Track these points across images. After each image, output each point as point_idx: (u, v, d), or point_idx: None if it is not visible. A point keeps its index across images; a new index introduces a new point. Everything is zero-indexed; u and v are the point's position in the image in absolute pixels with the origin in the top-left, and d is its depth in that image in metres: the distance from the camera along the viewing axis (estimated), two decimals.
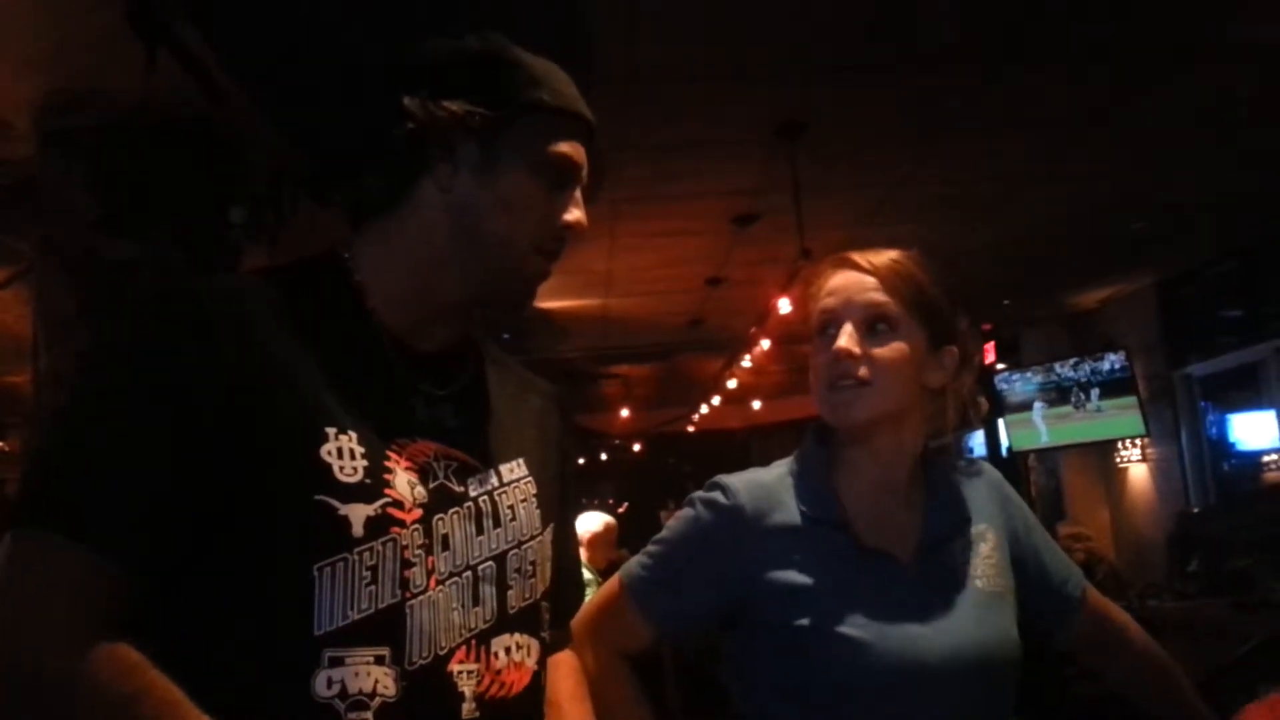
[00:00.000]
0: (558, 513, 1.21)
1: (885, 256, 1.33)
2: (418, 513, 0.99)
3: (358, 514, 0.94)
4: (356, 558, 0.93)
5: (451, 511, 1.03)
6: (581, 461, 15.56)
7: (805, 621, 1.25)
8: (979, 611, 1.29)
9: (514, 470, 1.13)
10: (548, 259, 1.11)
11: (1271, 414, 6.55)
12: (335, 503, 0.94)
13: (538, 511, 1.14)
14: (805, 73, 3.82)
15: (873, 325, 1.29)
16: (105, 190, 3.28)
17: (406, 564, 0.97)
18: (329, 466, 0.95)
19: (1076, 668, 1.62)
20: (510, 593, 1.07)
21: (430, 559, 0.99)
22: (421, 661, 0.96)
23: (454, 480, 1.05)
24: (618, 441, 14.72)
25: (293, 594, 0.92)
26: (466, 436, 1.09)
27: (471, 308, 1.13)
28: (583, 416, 13.41)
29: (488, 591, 1.04)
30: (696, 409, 11.94)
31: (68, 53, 3.06)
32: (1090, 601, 1.45)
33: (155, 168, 3.30)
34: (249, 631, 0.92)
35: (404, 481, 1.00)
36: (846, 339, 1.28)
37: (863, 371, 1.27)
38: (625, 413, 12.50)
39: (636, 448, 14.81)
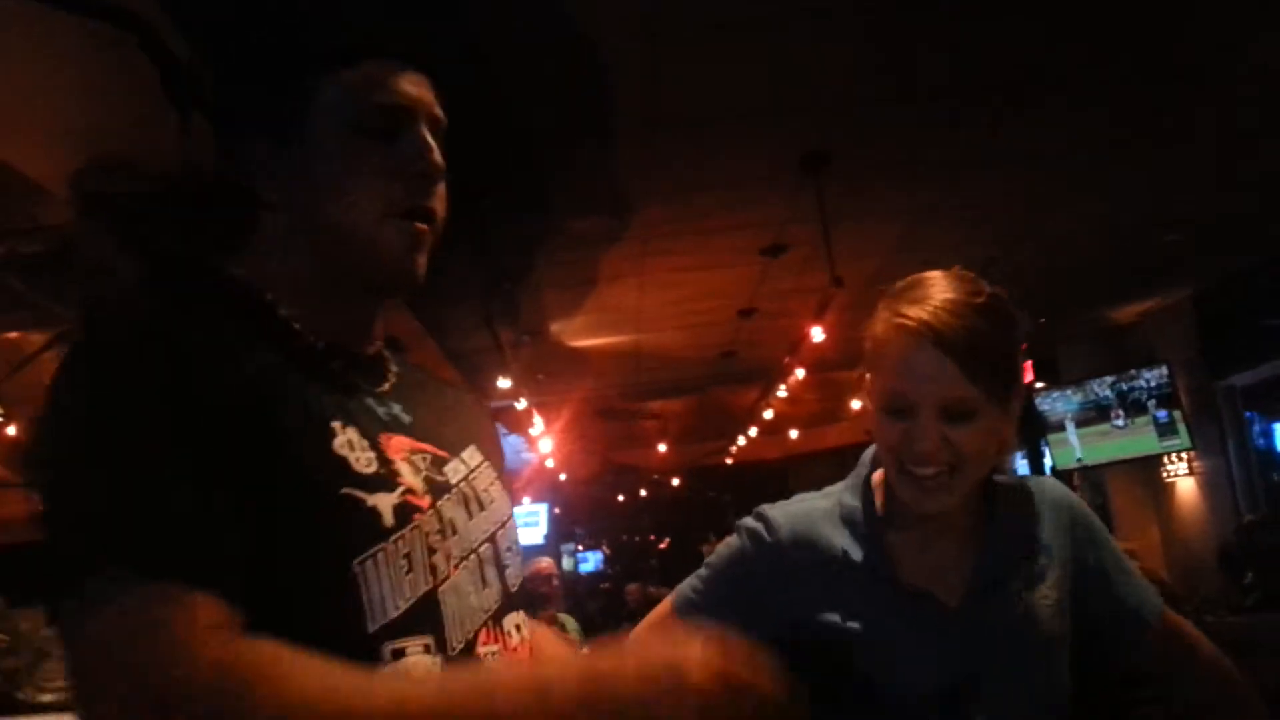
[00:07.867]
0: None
1: (963, 325, 1.18)
2: (428, 499, 0.96)
3: (384, 503, 0.91)
4: (393, 546, 0.90)
5: (445, 498, 1.00)
6: (621, 498, 15.53)
7: (844, 670, 1.22)
8: (1029, 660, 1.23)
9: (474, 456, 1.10)
10: (410, 218, 1.00)
11: None
12: (361, 494, 0.90)
13: (504, 494, 1.11)
14: (827, 105, 3.84)
15: (953, 412, 1.18)
16: (143, 252, 3.33)
17: (431, 550, 0.94)
18: (345, 459, 0.91)
19: (1143, 693, 1.55)
20: (508, 571, 1.05)
21: (446, 544, 0.96)
22: (459, 647, 0.93)
23: (434, 470, 1.01)
24: (656, 476, 14.67)
25: (338, 595, 0.86)
26: (423, 429, 1.04)
27: (366, 300, 1.06)
28: (620, 452, 13.40)
29: (492, 573, 1.02)
30: (734, 441, 11.90)
31: (106, 121, 3.13)
32: (1167, 624, 1.34)
33: (192, 229, 3.34)
34: (305, 644, 0.81)
35: (407, 470, 0.97)
36: (930, 434, 1.18)
37: (947, 460, 1.19)
38: (662, 448, 12.46)
39: (675, 482, 14.75)
